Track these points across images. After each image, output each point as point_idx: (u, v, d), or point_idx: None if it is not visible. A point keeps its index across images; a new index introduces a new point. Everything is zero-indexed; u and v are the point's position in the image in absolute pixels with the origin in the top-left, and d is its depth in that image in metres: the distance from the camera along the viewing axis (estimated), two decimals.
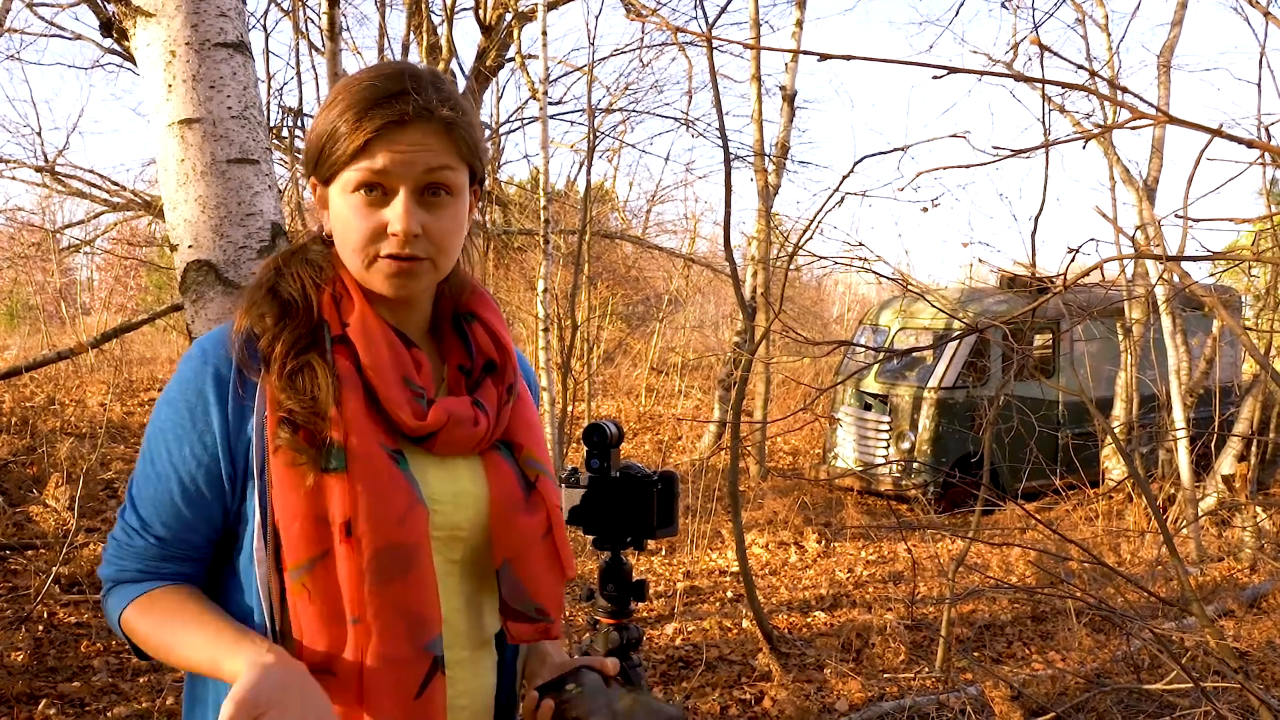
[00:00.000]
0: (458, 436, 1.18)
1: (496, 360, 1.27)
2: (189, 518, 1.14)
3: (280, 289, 1.17)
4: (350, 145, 1.11)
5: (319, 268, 1.19)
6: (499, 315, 1.31)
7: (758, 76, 9.87)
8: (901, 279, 4.31)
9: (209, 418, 1.11)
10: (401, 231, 1.11)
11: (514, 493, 1.23)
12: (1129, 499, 8.23)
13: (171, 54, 2.07)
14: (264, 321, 1.14)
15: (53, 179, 11.51)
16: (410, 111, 1.11)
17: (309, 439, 1.09)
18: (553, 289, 8.50)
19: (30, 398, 10.57)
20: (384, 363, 1.14)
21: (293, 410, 1.09)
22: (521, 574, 1.22)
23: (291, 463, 1.09)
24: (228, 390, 1.12)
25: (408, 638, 1.11)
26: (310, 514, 1.08)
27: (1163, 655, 3.23)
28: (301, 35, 10.21)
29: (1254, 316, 9.77)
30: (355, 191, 1.12)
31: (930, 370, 9.24)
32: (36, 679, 4.05)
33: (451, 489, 1.19)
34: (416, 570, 1.12)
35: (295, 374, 1.11)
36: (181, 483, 1.12)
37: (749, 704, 4.26)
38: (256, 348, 1.13)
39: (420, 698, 1.12)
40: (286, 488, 1.09)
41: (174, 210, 2.12)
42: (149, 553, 1.15)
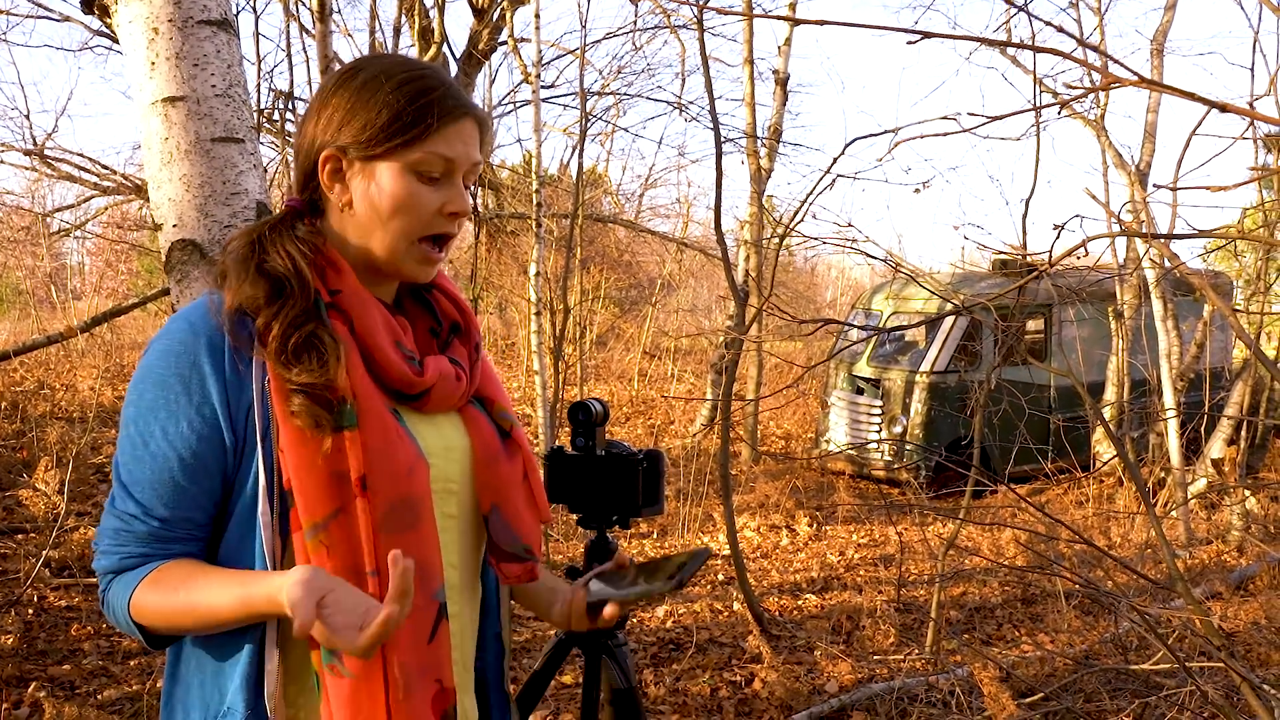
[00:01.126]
0: (445, 393, 1.25)
1: (460, 322, 1.34)
2: (193, 493, 1.14)
3: (269, 266, 1.17)
4: (429, 128, 1.18)
5: (310, 244, 1.20)
6: (454, 286, 1.38)
7: (750, 60, 9.83)
8: (893, 261, 4.31)
9: (205, 388, 1.12)
10: (463, 210, 1.21)
11: (493, 443, 1.31)
12: (1119, 483, 8.27)
13: (154, 31, 2.05)
14: (256, 300, 1.15)
15: (42, 163, 11.44)
16: (468, 105, 1.22)
17: (323, 404, 1.12)
18: (545, 273, 8.47)
19: (20, 382, 10.54)
20: (378, 327, 1.19)
21: (306, 384, 1.11)
22: (509, 515, 1.30)
23: (305, 427, 1.11)
24: (223, 360, 1.13)
25: (420, 587, 1.15)
26: (325, 472, 1.11)
27: (1150, 636, 3.25)
28: (292, 17, 10.14)
29: (1244, 301, 9.79)
30: (420, 175, 1.19)
31: (922, 355, 9.25)
32: (26, 662, 4.05)
33: (442, 444, 1.25)
34: (423, 522, 1.18)
35: (301, 348, 1.13)
36: (182, 459, 1.12)
37: (739, 686, 4.28)
38: (248, 323, 1.14)
39: (432, 642, 1.18)
40: (303, 449, 1.11)
41: (158, 189, 2.10)
42: (152, 535, 1.14)
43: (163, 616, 1.13)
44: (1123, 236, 6.32)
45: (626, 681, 1.57)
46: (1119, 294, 9.09)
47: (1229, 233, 2.06)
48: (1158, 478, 8.00)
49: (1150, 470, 8.14)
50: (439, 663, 1.19)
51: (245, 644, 1.15)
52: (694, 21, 5.04)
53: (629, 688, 1.57)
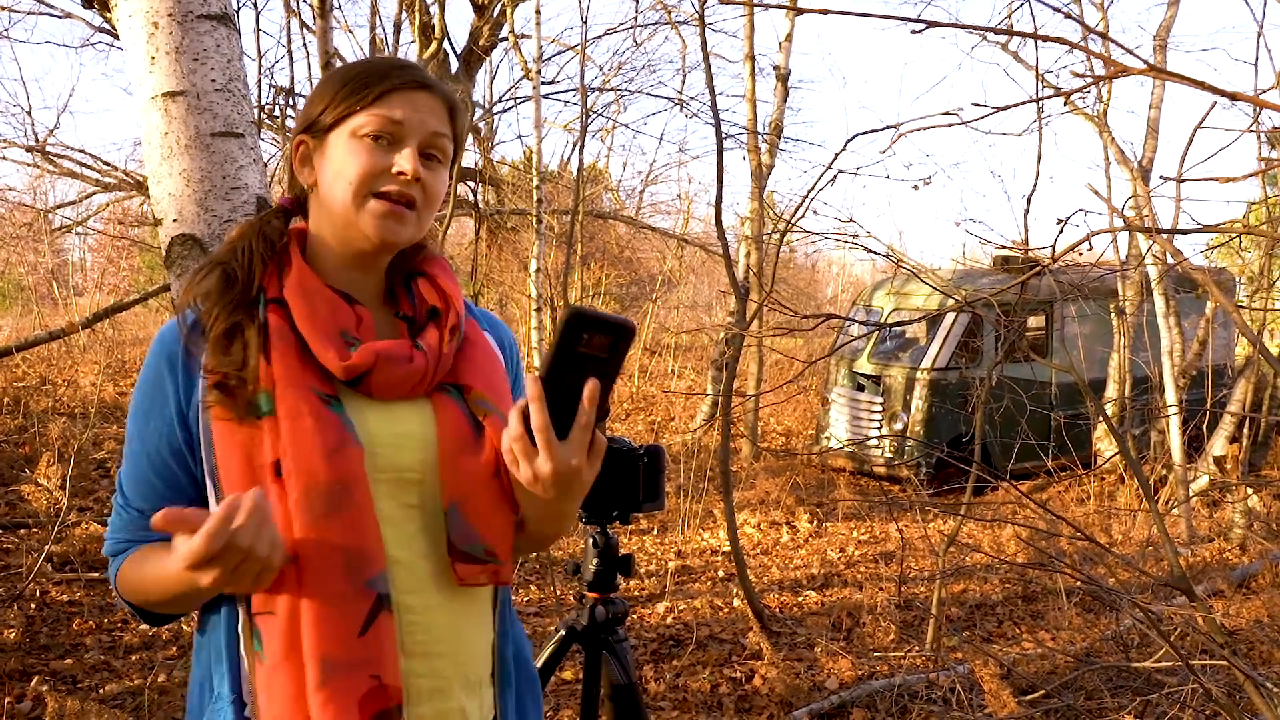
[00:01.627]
0: (393, 377, 1.20)
1: (439, 307, 1.29)
2: (160, 489, 1.19)
3: (228, 265, 1.22)
4: (370, 94, 1.20)
5: (270, 242, 1.24)
6: (448, 271, 1.34)
7: (751, 55, 9.82)
8: (894, 257, 4.30)
9: (165, 390, 1.19)
10: (410, 171, 1.18)
11: (463, 433, 1.23)
12: (1121, 480, 8.27)
13: (154, 26, 2.05)
14: (206, 295, 1.20)
15: (44, 159, 11.45)
16: (427, 81, 1.23)
17: (238, 393, 1.14)
18: (546, 269, 8.47)
19: (22, 378, 10.54)
20: (318, 316, 1.19)
21: (223, 373, 1.15)
22: (470, 515, 1.22)
23: (223, 417, 1.14)
24: (178, 363, 1.19)
25: (345, 574, 1.12)
26: (243, 459, 1.13)
27: (1151, 633, 3.25)
28: (292, 13, 10.14)
29: (1247, 298, 9.78)
30: (364, 137, 1.19)
31: (923, 351, 9.24)
32: (29, 656, 4.05)
33: (392, 430, 1.21)
34: (352, 507, 1.14)
35: (224, 337, 1.17)
36: (149, 456, 1.19)
37: (739, 682, 4.28)
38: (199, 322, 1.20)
39: (365, 635, 1.12)
40: (222, 439, 1.14)
41: (158, 184, 2.10)
42: (134, 524, 1.22)
43: (133, 591, 1.21)
44: (1126, 232, 6.31)
45: (627, 677, 1.57)
46: (1121, 290, 9.07)
47: (1233, 227, 2.05)
48: (1159, 475, 7.99)
49: (1152, 468, 8.13)
50: (376, 658, 1.12)
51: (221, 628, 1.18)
52: (695, 17, 5.03)
53: (629, 683, 1.57)
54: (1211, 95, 1.48)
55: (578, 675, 4.07)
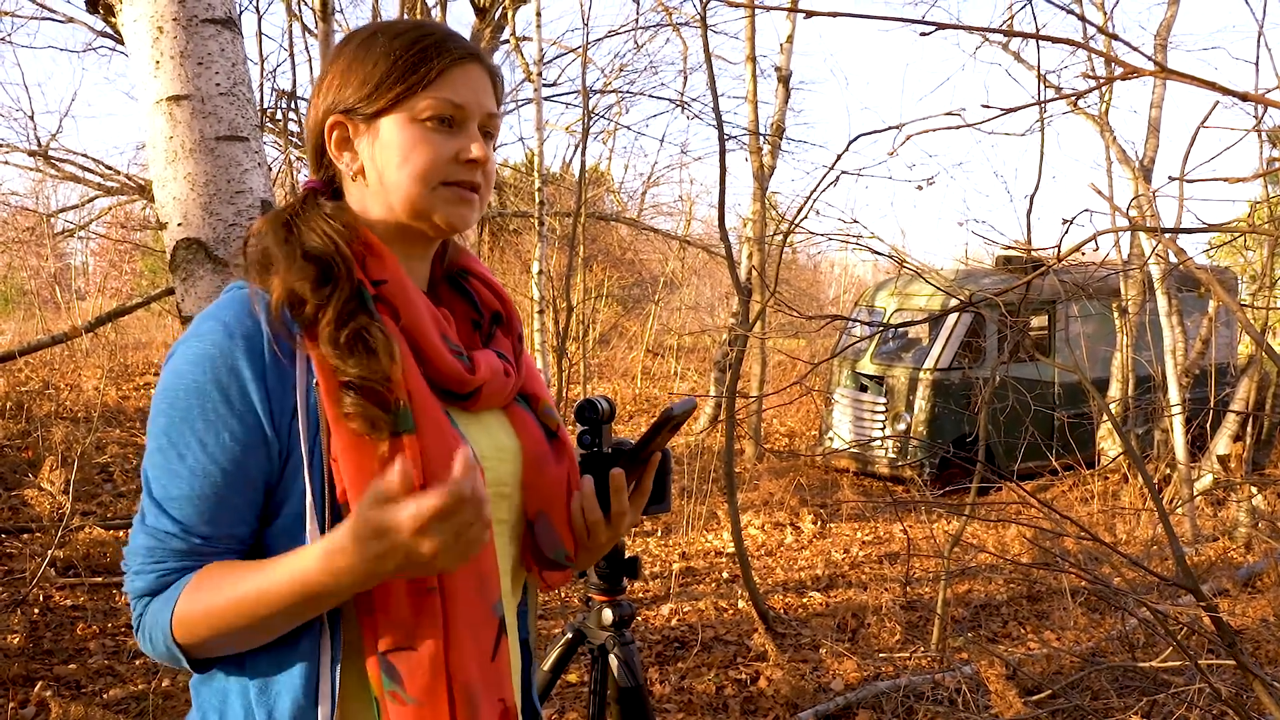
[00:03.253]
0: (495, 391, 1.16)
1: (502, 312, 1.24)
2: (236, 504, 1.03)
3: (311, 248, 1.08)
4: (430, 74, 1.09)
5: (343, 220, 1.11)
6: (489, 271, 1.28)
7: (753, 57, 9.82)
8: (897, 256, 4.30)
9: (247, 394, 1.01)
10: (481, 157, 1.10)
11: (541, 444, 1.21)
12: (1125, 479, 8.25)
13: (159, 30, 2.05)
14: (304, 288, 1.05)
15: (46, 163, 11.45)
16: (473, 52, 1.13)
17: (379, 404, 1.02)
18: (548, 271, 8.47)
19: (25, 382, 10.55)
20: (424, 320, 1.10)
21: (362, 378, 1.02)
22: (556, 522, 1.21)
23: (359, 430, 1.01)
24: (263, 361, 1.02)
25: (480, 599, 1.08)
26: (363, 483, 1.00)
27: (1158, 633, 3.24)
28: (294, 17, 10.15)
29: (1250, 296, 9.76)
30: (425, 121, 1.09)
31: (926, 351, 9.24)
32: (33, 661, 4.05)
33: (492, 444, 1.16)
34: None
35: (353, 341, 1.03)
36: (225, 471, 1.02)
37: (745, 684, 4.27)
38: (289, 315, 1.05)
39: (495, 660, 1.10)
40: (358, 456, 1.01)
41: (163, 188, 2.10)
42: (193, 551, 1.04)
43: (210, 620, 1.01)
44: (1131, 231, 6.31)
45: (634, 679, 1.57)
46: (1123, 289, 9.07)
47: (1238, 226, 2.05)
48: (1163, 474, 7.98)
49: (1155, 467, 8.12)
50: (500, 680, 1.10)
51: (297, 661, 1.04)
52: (696, 19, 5.03)
53: (636, 686, 1.57)
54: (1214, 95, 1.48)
55: (583, 678, 4.07)
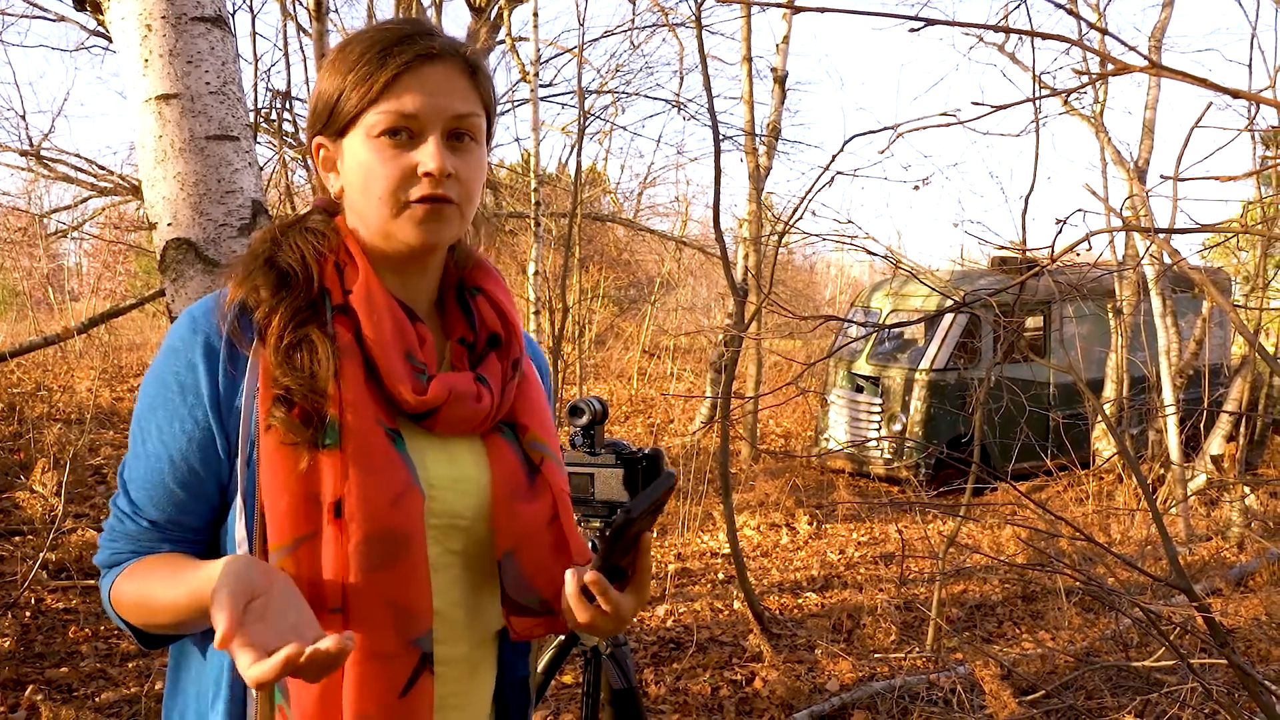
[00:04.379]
0: (460, 414, 1.11)
1: (501, 334, 1.20)
2: (183, 498, 1.07)
3: (278, 259, 1.10)
4: (375, 85, 1.06)
5: (321, 235, 1.12)
6: (505, 289, 1.24)
7: (748, 57, 9.81)
8: (892, 257, 4.30)
9: (199, 389, 1.05)
10: (436, 170, 1.06)
11: (517, 477, 1.16)
12: (1119, 479, 8.26)
13: (147, 28, 2.04)
14: (258, 293, 1.07)
15: (38, 163, 11.40)
16: (436, 48, 1.08)
17: (304, 416, 1.03)
18: (544, 272, 8.45)
19: (18, 384, 10.52)
20: (386, 335, 1.08)
21: (290, 387, 1.03)
22: (525, 565, 1.15)
23: (284, 440, 1.02)
24: (218, 361, 1.05)
25: (394, 631, 1.04)
26: (300, 492, 1.02)
27: (1151, 633, 3.24)
28: (288, 16, 10.11)
29: (1243, 297, 9.78)
30: (380, 137, 1.07)
31: (921, 352, 9.24)
32: (24, 665, 4.04)
33: (452, 473, 1.12)
34: (408, 559, 1.05)
35: (293, 348, 1.04)
36: (172, 461, 1.06)
37: (740, 685, 4.27)
38: (250, 320, 1.07)
39: (406, 696, 1.05)
40: (276, 465, 1.02)
41: (152, 188, 2.09)
42: (142, 535, 1.09)
43: (133, 609, 1.08)
44: (1124, 231, 6.31)
45: (627, 682, 1.56)
46: (1118, 290, 9.08)
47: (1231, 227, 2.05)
48: (1157, 474, 7.99)
49: (1150, 467, 8.13)
50: (412, 718, 1.06)
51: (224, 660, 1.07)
52: (692, 19, 5.02)
53: (629, 688, 1.56)
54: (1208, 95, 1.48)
55: (578, 679, 4.05)
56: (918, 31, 1.19)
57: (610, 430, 11.09)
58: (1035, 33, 1.65)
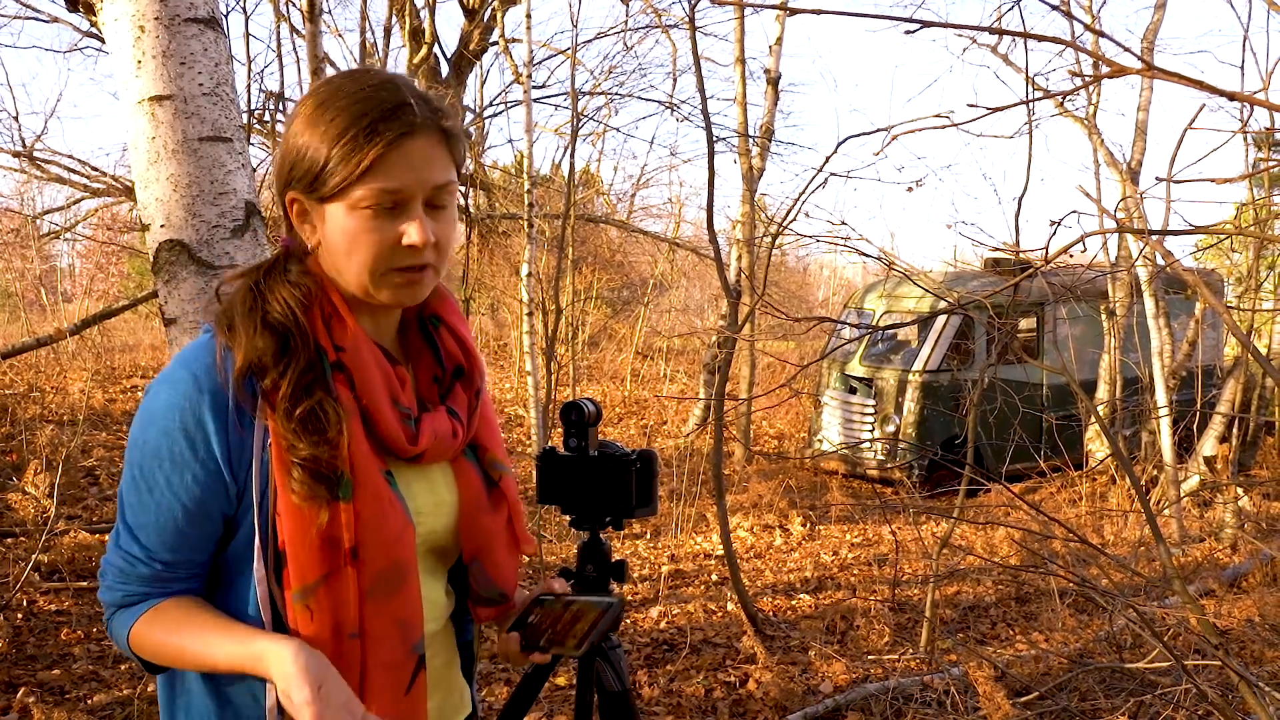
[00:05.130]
0: (440, 451, 1.24)
1: (464, 366, 1.31)
2: (194, 536, 1.15)
3: (270, 317, 1.15)
4: (362, 163, 1.10)
5: (304, 288, 1.17)
6: (461, 316, 1.34)
7: (742, 59, 9.82)
8: (886, 258, 4.30)
9: (210, 445, 1.11)
10: (420, 243, 1.13)
11: (480, 496, 1.31)
12: (1112, 481, 8.28)
13: (140, 29, 2.03)
14: (262, 359, 1.12)
15: (31, 164, 11.36)
16: (417, 122, 1.12)
17: (320, 478, 1.12)
18: (537, 273, 8.45)
19: (10, 385, 10.48)
20: (377, 388, 1.17)
21: (309, 457, 1.11)
22: (488, 567, 1.32)
23: (305, 498, 1.11)
24: (227, 417, 1.12)
25: (400, 644, 1.19)
26: (318, 540, 1.12)
27: (1145, 634, 3.25)
28: (282, 18, 10.09)
29: (1236, 298, 9.81)
30: (365, 209, 1.12)
31: (915, 354, 9.25)
32: (16, 667, 4.02)
33: (432, 499, 1.26)
34: (408, 584, 1.19)
35: (306, 418, 1.11)
36: (185, 508, 1.13)
37: (734, 686, 4.27)
38: (253, 382, 1.13)
39: (409, 693, 1.21)
40: (298, 520, 1.11)
41: (145, 189, 2.08)
42: (155, 576, 1.16)
43: (158, 655, 1.17)
44: (1118, 233, 6.33)
45: (620, 684, 1.55)
46: (1111, 291, 9.10)
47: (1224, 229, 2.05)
48: (1150, 476, 8.01)
49: (1143, 468, 8.15)
50: (414, 711, 1.22)
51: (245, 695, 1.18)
52: (685, 21, 5.03)
53: (623, 690, 1.56)
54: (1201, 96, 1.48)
55: (570, 681, 4.05)
56: (913, 34, 1.19)
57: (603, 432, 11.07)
58: (1030, 35, 1.66)
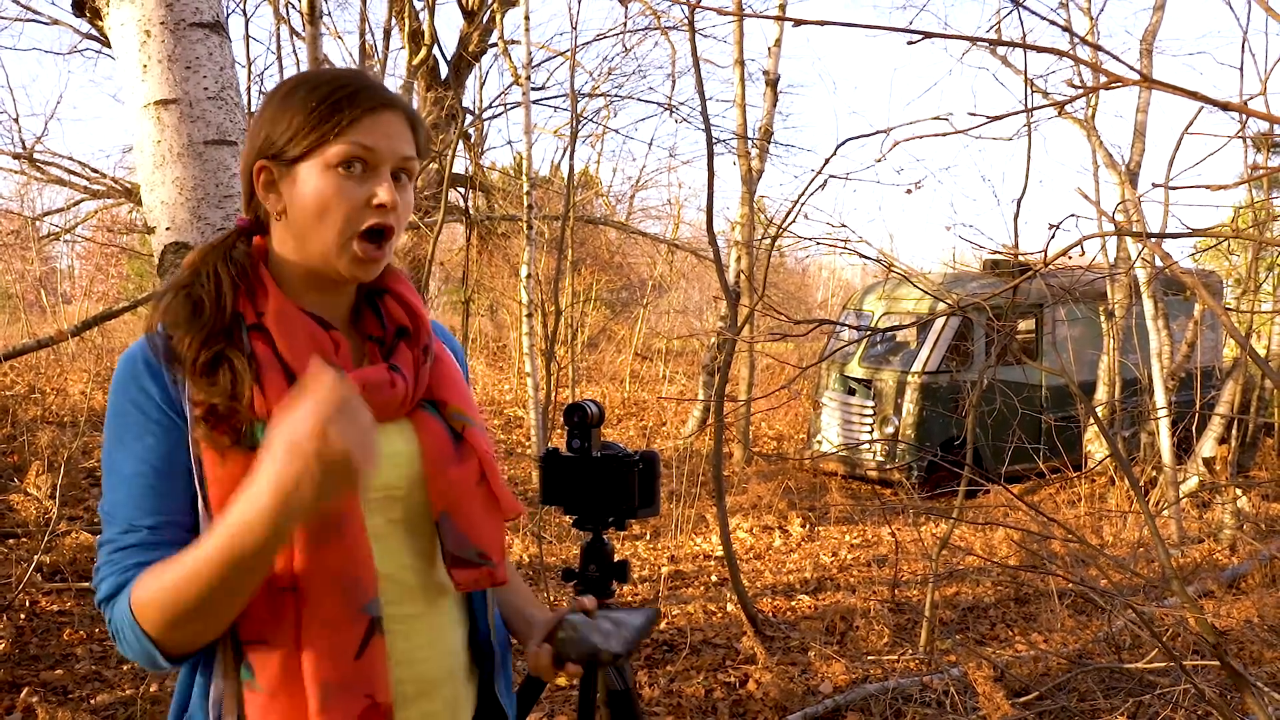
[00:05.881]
0: (377, 402, 1.20)
1: (408, 325, 1.31)
2: (169, 494, 1.15)
3: (193, 290, 1.20)
4: (342, 121, 1.17)
5: (241, 267, 1.22)
6: (410, 286, 1.36)
7: (741, 61, 9.84)
8: (885, 260, 4.32)
9: (155, 402, 1.15)
10: (389, 202, 1.18)
11: (444, 446, 1.29)
12: (1111, 482, 8.29)
13: (146, 34, 2.04)
14: (176, 321, 1.18)
15: (31, 166, 11.38)
16: (390, 99, 1.22)
17: (228, 428, 1.13)
18: (536, 275, 8.47)
19: (10, 386, 10.49)
20: (300, 345, 1.19)
21: (212, 404, 1.13)
22: (460, 522, 1.28)
23: (214, 447, 1.13)
24: (163, 377, 1.16)
25: (342, 601, 1.15)
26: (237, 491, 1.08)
27: (1144, 634, 3.26)
28: (282, 20, 10.12)
29: (1234, 300, 9.83)
30: (337, 167, 1.18)
31: (914, 355, 9.27)
32: (19, 667, 4.03)
33: (384, 451, 1.21)
34: (348, 534, 1.16)
35: (209, 368, 1.15)
36: (154, 467, 1.14)
37: (734, 687, 4.28)
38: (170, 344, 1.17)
39: (360, 659, 1.16)
40: (214, 470, 1.13)
41: (151, 192, 2.10)
42: (144, 543, 1.14)
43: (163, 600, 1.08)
44: (1117, 236, 6.35)
45: (623, 683, 1.57)
46: (1110, 293, 9.12)
47: (1223, 231, 2.07)
48: (1149, 477, 8.02)
49: (1142, 469, 8.16)
50: (370, 678, 1.17)
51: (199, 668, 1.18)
52: (684, 23, 5.04)
53: (626, 689, 1.57)
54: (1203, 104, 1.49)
55: (572, 682, 4.06)
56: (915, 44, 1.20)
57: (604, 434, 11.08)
58: (1027, 45, 1.67)
